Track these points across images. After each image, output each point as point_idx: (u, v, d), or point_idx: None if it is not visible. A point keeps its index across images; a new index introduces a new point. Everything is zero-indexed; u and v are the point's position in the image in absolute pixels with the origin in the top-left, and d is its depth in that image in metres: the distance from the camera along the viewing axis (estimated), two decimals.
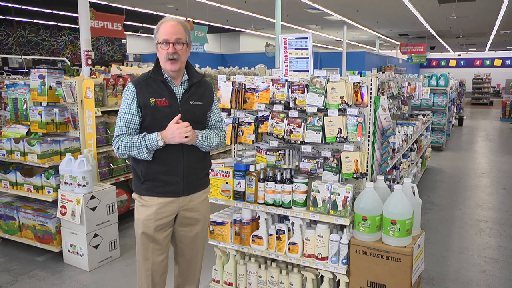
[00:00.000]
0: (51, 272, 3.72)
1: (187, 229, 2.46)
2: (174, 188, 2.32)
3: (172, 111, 2.26)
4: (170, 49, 2.20)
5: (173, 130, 2.19)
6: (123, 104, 2.28)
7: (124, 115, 2.26)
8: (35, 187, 3.89)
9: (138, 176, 2.33)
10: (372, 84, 2.70)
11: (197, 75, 2.40)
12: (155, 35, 2.27)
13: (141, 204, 2.35)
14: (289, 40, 2.87)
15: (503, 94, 19.76)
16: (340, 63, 17.19)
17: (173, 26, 2.22)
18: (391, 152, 3.54)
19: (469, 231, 4.69)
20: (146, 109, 2.25)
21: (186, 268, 2.59)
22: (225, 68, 7.17)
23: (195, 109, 2.35)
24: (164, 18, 2.31)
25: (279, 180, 2.75)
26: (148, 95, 2.25)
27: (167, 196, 2.32)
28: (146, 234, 2.33)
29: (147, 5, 13.00)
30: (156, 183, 2.30)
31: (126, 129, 2.25)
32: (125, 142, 2.22)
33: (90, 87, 3.97)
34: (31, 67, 10.32)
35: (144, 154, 2.21)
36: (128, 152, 2.23)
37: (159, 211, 2.31)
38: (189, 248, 2.52)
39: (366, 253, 2.51)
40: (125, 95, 2.28)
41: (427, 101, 9.09)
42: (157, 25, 2.28)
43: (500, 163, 8.28)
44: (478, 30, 18.67)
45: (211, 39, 19.14)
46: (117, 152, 2.27)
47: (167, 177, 2.30)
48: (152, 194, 2.31)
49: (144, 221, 2.32)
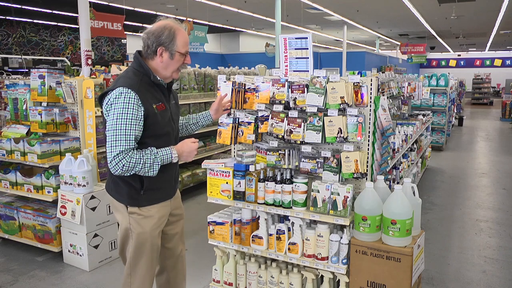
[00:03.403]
0: (51, 272, 3.72)
1: (174, 227, 2.51)
2: (170, 192, 2.36)
3: (168, 114, 2.23)
4: (188, 59, 2.20)
5: (191, 150, 2.19)
6: (127, 115, 2.02)
7: (132, 127, 2.02)
8: (35, 187, 3.89)
9: (135, 188, 2.19)
10: (372, 84, 2.70)
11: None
12: (170, 41, 2.13)
13: (142, 216, 2.23)
14: (289, 40, 2.87)
15: (503, 94, 19.76)
16: (340, 63, 17.20)
17: (187, 36, 2.22)
18: (391, 152, 3.54)
19: (469, 231, 4.69)
20: (151, 117, 2.11)
21: (174, 268, 2.60)
22: (225, 68, 7.17)
23: (177, 108, 2.40)
24: (171, 21, 2.19)
25: (279, 180, 2.74)
26: (151, 101, 2.12)
27: (165, 200, 2.33)
28: (155, 244, 2.29)
29: (147, 5, 13.00)
30: (155, 191, 2.24)
31: (134, 143, 2.06)
32: (135, 159, 2.02)
33: (90, 87, 3.97)
34: (31, 67, 10.32)
35: (155, 170, 2.09)
36: (136, 169, 2.04)
37: (160, 218, 2.30)
38: (176, 245, 2.57)
39: (366, 253, 2.51)
40: (127, 104, 2.03)
41: (427, 101, 9.09)
42: (172, 31, 2.14)
43: (500, 163, 8.28)
44: (478, 30, 18.67)
45: (211, 39, 19.14)
46: (117, 170, 2.02)
47: (166, 183, 2.32)
48: (152, 202, 2.26)
49: (151, 233, 2.24)
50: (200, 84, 5.99)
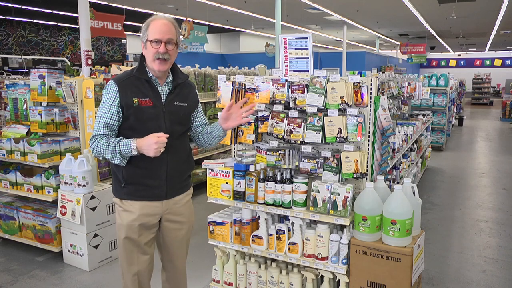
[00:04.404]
0: (51, 272, 3.72)
1: (172, 233, 2.39)
2: (157, 191, 2.25)
3: (156, 111, 2.19)
4: (161, 48, 2.12)
5: (150, 143, 2.05)
6: (104, 104, 2.16)
7: (104, 115, 2.15)
8: (35, 187, 3.89)
9: (119, 179, 2.24)
10: (372, 84, 2.70)
11: (182, 76, 2.34)
12: (143, 32, 2.17)
13: (122, 209, 2.26)
14: (289, 40, 2.87)
15: (503, 94, 19.75)
16: (340, 63, 17.18)
17: (165, 25, 2.14)
18: (391, 152, 3.54)
19: (469, 231, 4.69)
20: (129, 110, 2.15)
21: (174, 273, 2.53)
22: (225, 68, 7.17)
23: (180, 110, 2.29)
24: (154, 16, 2.22)
25: (279, 180, 2.74)
26: (131, 94, 2.15)
27: (150, 200, 2.25)
28: (130, 239, 2.25)
29: (147, 5, 13.00)
30: (137, 186, 2.22)
31: (104, 130, 2.16)
32: (101, 143, 2.12)
33: (90, 87, 3.97)
34: (31, 67, 10.33)
35: (117, 159, 2.12)
36: (103, 155, 2.13)
37: (142, 215, 2.23)
38: (176, 252, 2.46)
39: (366, 253, 2.51)
40: (106, 94, 2.16)
41: (427, 101, 9.09)
42: (146, 22, 2.18)
43: (500, 163, 8.28)
44: (478, 30, 18.67)
45: (211, 39, 19.14)
46: (92, 153, 2.18)
47: (149, 180, 2.22)
48: (134, 198, 2.23)
49: (127, 226, 2.24)
50: (200, 84, 5.99)
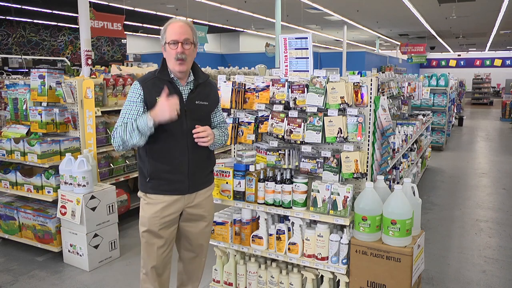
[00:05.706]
0: (51, 272, 3.72)
1: (192, 225, 2.49)
2: (180, 186, 2.35)
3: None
4: (178, 48, 2.23)
5: (163, 107, 2.15)
6: (128, 101, 2.27)
7: (128, 110, 2.25)
8: (35, 187, 3.89)
9: (144, 174, 2.36)
10: (372, 84, 2.70)
11: (203, 76, 2.43)
12: (162, 36, 2.29)
13: (146, 202, 2.38)
14: (289, 40, 2.87)
15: (503, 94, 19.75)
16: (340, 63, 17.19)
17: (181, 27, 2.26)
18: (391, 152, 3.54)
19: (469, 231, 4.69)
20: (151, 107, 2.24)
21: (191, 264, 2.63)
22: (225, 68, 7.17)
23: (200, 109, 2.39)
24: (171, 19, 2.34)
25: (279, 180, 2.75)
26: (155, 94, 2.25)
27: (173, 194, 2.35)
28: (152, 231, 2.36)
29: (147, 5, 13.00)
30: (161, 181, 2.33)
31: (128, 120, 2.24)
32: (119, 129, 2.21)
33: (90, 87, 3.97)
34: (31, 67, 10.32)
35: (135, 137, 2.18)
36: (122, 137, 2.19)
37: (164, 209, 2.34)
38: (194, 244, 2.55)
39: (366, 253, 2.51)
40: (131, 93, 2.29)
41: (427, 101, 9.09)
42: (164, 26, 2.30)
43: (500, 163, 8.28)
44: (478, 30, 18.67)
45: (211, 39, 19.14)
46: (114, 143, 2.24)
47: (172, 175, 2.33)
48: (158, 192, 2.34)
49: (150, 219, 2.35)
50: None
